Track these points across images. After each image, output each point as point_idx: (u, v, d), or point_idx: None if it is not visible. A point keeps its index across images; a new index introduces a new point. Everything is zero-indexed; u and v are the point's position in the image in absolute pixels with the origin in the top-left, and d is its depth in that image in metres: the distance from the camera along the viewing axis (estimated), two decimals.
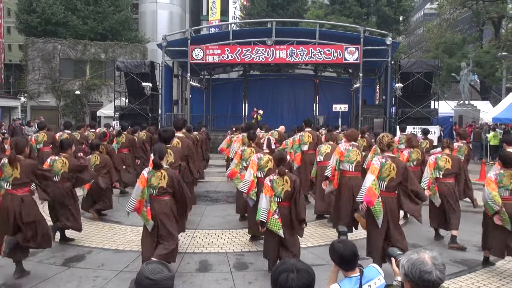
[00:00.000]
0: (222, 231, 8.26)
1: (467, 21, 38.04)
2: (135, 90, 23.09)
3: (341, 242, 2.90)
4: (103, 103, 31.25)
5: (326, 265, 6.54)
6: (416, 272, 2.24)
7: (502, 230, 5.93)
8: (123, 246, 7.28)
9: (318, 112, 29.74)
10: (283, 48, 22.87)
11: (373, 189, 5.59)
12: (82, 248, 7.18)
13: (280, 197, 5.72)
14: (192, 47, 23.11)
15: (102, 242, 7.52)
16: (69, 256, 6.76)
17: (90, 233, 8.02)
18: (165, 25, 39.73)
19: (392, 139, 5.96)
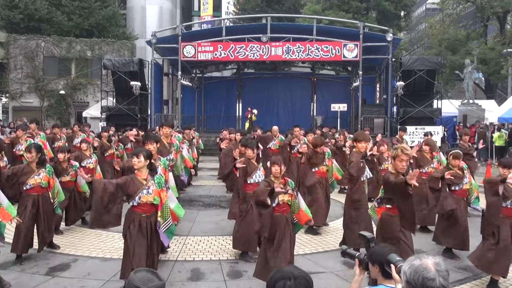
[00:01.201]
0: (215, 238, 8.25)
1: (471, 16, 38.26)
2: (123, 90, 23.03)
3: (386, 247, 2.88)
4: (89, 103, 31.12)
5: (325, 272, 6.55)
6: (418, 279, 2.24)
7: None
8: (110, 254, 7.24)
9: (315, 112, 29.77)
10: (279, 45, 22.90)
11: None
12: (67, 256, 7.14)
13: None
14: (183, 44, 23.09)
15: (88, 249, 7.48)
16: (54, 265, 6.72)
17: (75, 240, 7.99)
18: (154, 21, 39.65)
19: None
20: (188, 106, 28.97)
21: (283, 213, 5.84)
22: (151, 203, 5.60)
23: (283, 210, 5.84)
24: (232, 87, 30.56)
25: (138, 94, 22.54)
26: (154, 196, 5.59)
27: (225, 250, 7.53)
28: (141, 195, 5.55)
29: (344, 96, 28.40)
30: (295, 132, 11.60)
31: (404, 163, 5.60)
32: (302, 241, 8.03)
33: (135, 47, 33.93)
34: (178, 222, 6.96)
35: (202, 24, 38.68)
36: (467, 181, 7.43)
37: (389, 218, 5.73)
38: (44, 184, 7.02)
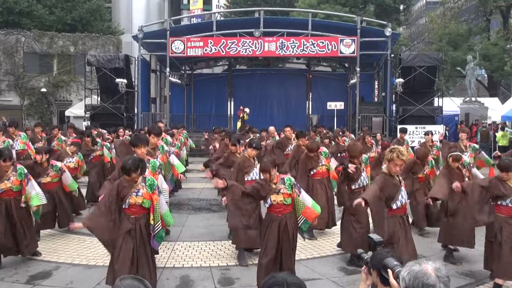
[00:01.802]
0: (205, 243, 8.23)
1: (472, 10, 38.49)
2: (108, 87, 22.94)
3: (390, 252, 2.87)
4: (72, 101, 30.97)
5: (322, 279, 6.56)
6: (418, 286, 2.23)
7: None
8: (94, 261, 7.21)
9: (311, 111, 29.81)
10: (272, 40, 22.88)
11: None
12: (48, 263, 7.09)
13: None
14: (172, 39, 23.02)
15: (71, 256, 7.44)
16: (34, 273, 6.68)
17: (57, 246, 7.95)
18: (141, 15, 39.53)
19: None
20: (177, 104, 28.88)
21: (278, 214, 5.91)
22: (139, 205, 5.63)
23: (278, 211, 5.91)
24: (223, 85, 30.50)
25: (124, 92, 22.45)
26: (143, 199, 5.63)
27: (216, 256, 7.51)
28: (129, 198, 5.61)
29: (341, 94, 28.44)
30: (286, 132, 11.73)
31: (398, 168, 5.84)
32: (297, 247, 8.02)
33: (120, 42, 33.81)
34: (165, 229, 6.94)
35: (191, 18, 38.63)
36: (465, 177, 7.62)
37: (389, 217, 5.93)
38: (15, 188, 6.93)
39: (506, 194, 6.08)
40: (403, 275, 2.33)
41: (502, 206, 6.14)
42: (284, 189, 5.90)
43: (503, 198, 6.10)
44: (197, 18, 38.74)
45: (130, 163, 5.60)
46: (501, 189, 6.09)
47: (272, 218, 5.97)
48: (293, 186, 5.95)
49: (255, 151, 8.16)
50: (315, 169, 8.85)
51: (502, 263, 6.00)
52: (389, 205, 5.94)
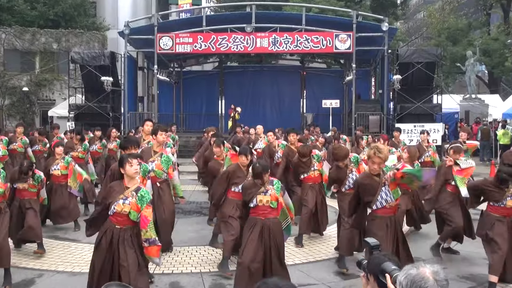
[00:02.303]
0: (195, 248, 8.22)
1: (472, 4, 38.73)
2: (93, 86, 22.85)
3: (386, 255, 2.87)
4: (56, 101, 30.83)
5: (317, 284, 6.58)
6: None
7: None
8: (79, 268, 7.17)
9: (305, 109, 29.84)
10: (265, 35, 22.89)
11: None
12: (31, 271, 7.06)
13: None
14: (160, 35, 22.97)
15: (55, 263, 7.41)
16: (16, 281, 6.64)
17: None
18: (127, 10, 39.41)
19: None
20: (166, 103, 28.82)
21: (261, 217, 5.89)
22: (126, 215, 5.31)
23: (261, 213, 5.90)
24: (213, 82, 30.45)
25: (110, 91, 22.36)
26: (131, 209, 5.28)
27: (207, 261, 7.51)
28: (116, 204, 5.33)
29: (336, 91, 28.48)
30: (269, 137, 11.65)
31: (376, 166, 5.70)
32: (291, 251, 8.05)
33: (106, 38, 33.69)
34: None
35: (180, 13, 38.56)
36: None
37: (375, 219, 5.85)
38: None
39: (500, 199, 6.30)
40: (400, 280, 2.33)
41: (496, 206, 6.35)
42: (272, 190, 5.90)
43: (498, 201, 6.32)
44: (186, 13, 38.67)
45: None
46: (495, 195, 6.32)
47: (254, 221, 5.94)
48: (281, 188, 5.98)
49: (247, 158, 7.31)
50: (306, 174, 8.74)
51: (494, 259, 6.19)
52: (370, 206, 5.87)
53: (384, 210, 5.81)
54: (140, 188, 5.44)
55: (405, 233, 8.65)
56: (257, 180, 5.96)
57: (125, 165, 5.41)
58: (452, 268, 7.05)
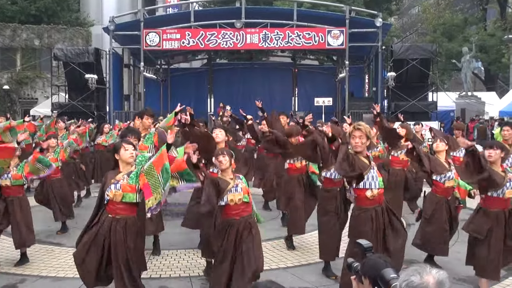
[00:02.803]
0: (184, 251, 8.21)
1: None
2: (77, 84, 22.78)
3: (382, 257, 2.87)
4: (38, 99, 30.68)
5: (310, 287, 6.58)
6: None
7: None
8: (64, 273, 7.13)
9: (297, 108, 29.89)
10: (255, 31, 22.91)
11: None
12: (13, 276, 7.01)
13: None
14: (146, 31, 22.91)
15: (38, 268, 7.36)
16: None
17: None
18: (112, 5, 39.21)
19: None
20: (153, 101, 28.72)
21: (235, 217, 5.52)
22: (119, 201, 5.26)
23: (235, 213, 5.53)
24: (202, 80, 30.43)
25: (94, 89, 22.30)
26: (123, 193, 5.23)
27: (196, 265, 7.49)
28: (108, 191, 5.28)
29: (329, 89, 28.57)
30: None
31: (357, 140, 5.52)
32: (283, 254, 8.05)
33: (90, 34, 33.56)
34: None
35: (167, 8, 38.51)
36: (452, 176, 7.36)
37: (358, 214, 5.69)
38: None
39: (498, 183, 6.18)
40: (400, 285, 2.29)
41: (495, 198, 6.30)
42: (241, 184, 5.60)
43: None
44: (173, 8, 38.62)
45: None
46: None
47: (228, 224, 5.53)
48: None
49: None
50: (291, 161, 8.41)
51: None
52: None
53: (368, 201, 5.63)
54: (131, 171, 5.37)
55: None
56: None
57: (119, 150, 5.38)
58: (448, 270, 7.08)
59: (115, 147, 5.53)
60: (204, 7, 34.02)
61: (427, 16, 39.54)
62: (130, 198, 5.27)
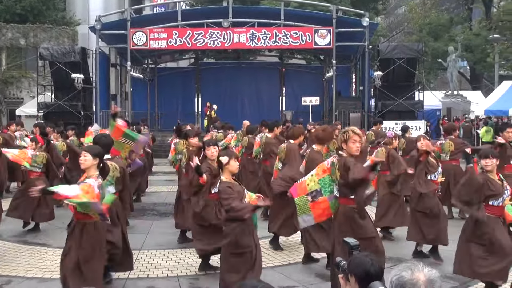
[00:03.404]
0: (172, 251, 8.20)
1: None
2: (64, 83, 22.61)
3: (368, 255, 2.88)
4: (24, 99, 30.41)
5: (297, 286, 6.61)
6: None
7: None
8: (50, 274, 7.08)
9: (285, 107, 29.93)
10: (242, 31, 22.89)
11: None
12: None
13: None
14: (133, 30, 22.81)
15: (24, 269, 7.31)
16: None
17: (8, 258, 7.80)
18: (99, 4, 39.00)
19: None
20: (140, 101, 28.64)
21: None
22: (74, 206, 5.42)
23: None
24: (189, 80, 30.36)
25: (81, 88, 22.15)
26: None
27: (184, 265, 7.49)
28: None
29: (316, 88, 28.62)
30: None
31: (357, 144, 5.71)
32: (271, 252, 8.07)
33: (76, 34, 33.33)
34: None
35: (154, 8, 38.39)
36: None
37: (351, 211, 5.77)
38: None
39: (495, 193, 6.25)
40: (391, 278, 2.30)
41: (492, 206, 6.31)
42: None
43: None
44: (160, 7, 38.49)
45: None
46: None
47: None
48: None
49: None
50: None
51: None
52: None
53: (346, 200, 5.79)
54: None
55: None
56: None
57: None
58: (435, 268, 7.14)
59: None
60: (191, 6, 33.95)
61: (413, 16, 39.76)
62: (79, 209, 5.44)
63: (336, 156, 5.92)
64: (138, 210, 11.26)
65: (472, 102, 26.15)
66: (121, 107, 27.50)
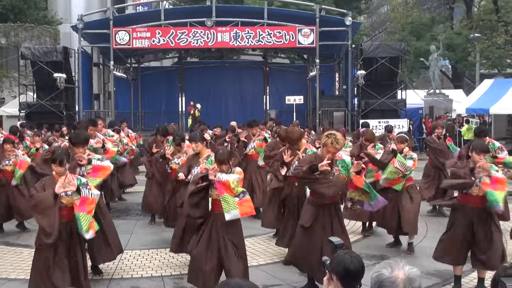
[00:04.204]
0: (156, 251, 8.17)
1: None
2: (45, 83, 22.42)
3: (348, 253, 2.90)
4: (5, 99, 30.08)
5: (282, 285, 6.63)
6: None
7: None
8: None
9: (269, 106, 29.96)
10: (226, 30, 22.88)
11: None
12: None
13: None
14: (116, 29, 22.68)
15: (6, 271, 7.25)
16: None
17: None
18: (81, 3, 38.67)
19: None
20: (123, 101, 28.46)
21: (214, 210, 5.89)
22: (71, 206, 5.51)
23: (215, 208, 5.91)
24: (173, 79, 30.26)
25: (63, 88, 21.97)
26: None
27: (169, 264, 7.47)
28: (60, 197, 5.44)
29: (300, 87, 28.71)
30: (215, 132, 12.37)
31: (330, 155, 5.90)
32: (255, 251, 8.08)
33: (58, 33, 33.04)
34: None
35: (137, 7, 38.18)
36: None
37: (308, 204, 6.17)
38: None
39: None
40: (372, 274, 2.32)
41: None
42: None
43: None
44: (143, 6, 38.29)
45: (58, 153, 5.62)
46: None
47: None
48: None
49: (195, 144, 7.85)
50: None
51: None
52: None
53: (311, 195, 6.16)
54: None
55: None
56: (220, 166, 5.85)
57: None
58: (417, 264, 7.21)
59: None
60: (174, 5, 33.85)
61: (395, 15, 40.02)
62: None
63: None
64: (122, 210, 11.23)
65: (454, 101, 26.42)
66: (104, 107, 27.39)
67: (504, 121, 23.65)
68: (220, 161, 5.83)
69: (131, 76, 28.67)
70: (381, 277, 2.25)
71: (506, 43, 28.93)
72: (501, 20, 26.16)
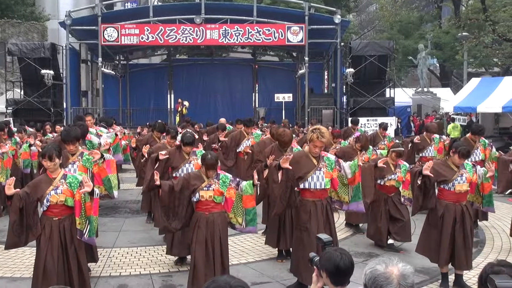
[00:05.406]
0: (145, 249, 8.14)
1: None
2: (33, 80, 22.24)
3: (338, 250, 2.91)
4: None
5: (271, 282, 6.64)
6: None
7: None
8: (20, 273, 7.00)
9: (258, 104, 29.98)
10: (215, 27, 22.83)
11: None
12: None
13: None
14: (104, 26, 22.55)
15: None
16: None
17: None
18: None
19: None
20: (111, 98, 28.34)
21: (205, 212, 5.84)
22: (62, 204, 5.47)
23: (205, 209, 5.85)
24: (162, 76, 30.19)
25: (51, 85, 21.80)
26: (66, 197, 5.45)
27: (157, 262, 7.45)
28: (49, 196, 5.42)
29: (289, 85, 28.74)
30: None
31: (317, 149, 6.04)
32: (244, 249, 8.09)
33: (46, 29, 32.79)
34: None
35: (125, 3, 37.87)
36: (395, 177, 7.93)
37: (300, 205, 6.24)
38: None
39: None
40: (366, 271, 2.33)
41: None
42: (216, 185, 5.85)
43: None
44: (132, 2, 38.07)
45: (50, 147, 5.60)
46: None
47: (199, 217, 5.87)
48: (230, 182, 5.93)
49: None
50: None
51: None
52: (298, 184, 6.15)
53: (311, 193, 6.15)
54: (66, 175, 5.60)
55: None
56: (209, 171, 5.84)
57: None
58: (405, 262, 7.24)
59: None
60: (163, 2, 33.73)
61: (384, 14, 40.17)
62: (70, 202, 5.52)
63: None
64: (110, 207, 11.17)
65: (441, 99, 26.56)
66: (92, 104, 27.22)
67: (491, 120, 23.81)
68: (208, 166, 5.80)
69: (120, 73, 28.54)
70: (376, 272, 2.27)
71: (493, 42, 29.16)
72: (489, 19, 26.32)
